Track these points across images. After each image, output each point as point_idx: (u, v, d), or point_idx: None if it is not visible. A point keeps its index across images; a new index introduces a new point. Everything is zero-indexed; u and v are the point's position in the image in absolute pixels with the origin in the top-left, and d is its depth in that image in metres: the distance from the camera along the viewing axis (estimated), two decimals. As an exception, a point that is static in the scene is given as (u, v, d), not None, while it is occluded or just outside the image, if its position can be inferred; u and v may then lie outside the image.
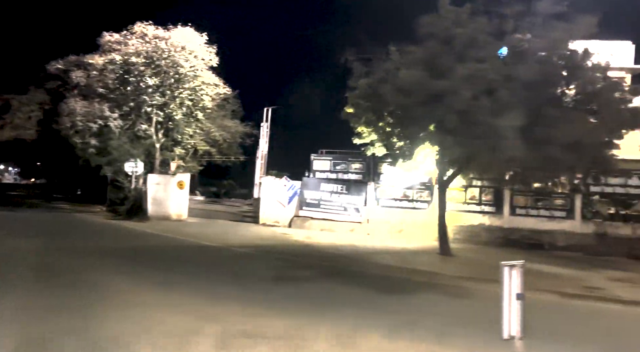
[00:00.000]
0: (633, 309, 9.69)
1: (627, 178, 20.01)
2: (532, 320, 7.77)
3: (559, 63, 12.37)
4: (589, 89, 14.54)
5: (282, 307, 7.67)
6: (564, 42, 12.18)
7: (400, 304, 8.92)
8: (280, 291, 9.13)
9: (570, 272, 13.75)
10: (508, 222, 20.14)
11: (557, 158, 11.99)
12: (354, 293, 9.44)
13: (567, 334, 7.24)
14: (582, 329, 7.72)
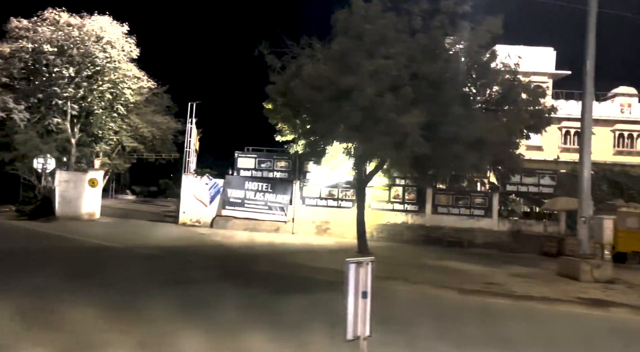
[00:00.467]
0: (521, 303, 9.91)
1: (540, 178, 20.93)
2: (408, 317, 7.72)
3: (466, 63, 12.50)
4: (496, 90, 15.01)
5: (155, 313, 7.07)
6: (471, 42, 12.34)
7: (291, 304, 8.56)
8: (166, 295, 8.49)
9: (479, 269, 14.04)
10: (430, 221, 20.49)
11: (461, 156, 12.14)
12: (246, 295, 8.98)
13: (433, 328, 7.17)
14: (449, 324, 7.66)
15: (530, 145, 34.11)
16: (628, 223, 17.78)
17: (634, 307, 10.08)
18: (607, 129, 34.11)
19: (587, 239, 13.29)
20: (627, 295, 11.21)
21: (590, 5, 13.35)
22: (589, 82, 13.61)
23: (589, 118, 13.56)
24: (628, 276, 14.34)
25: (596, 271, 12.77)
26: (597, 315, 9.39)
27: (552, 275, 13.61)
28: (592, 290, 11.61)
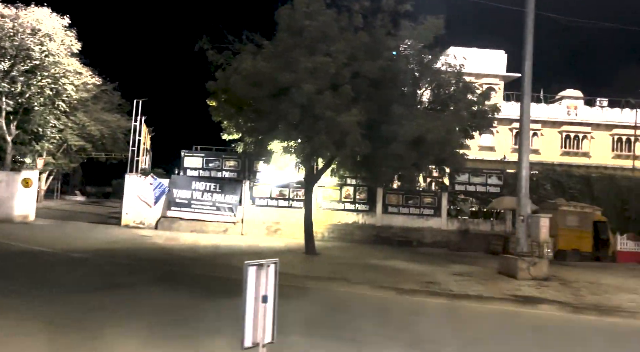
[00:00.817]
0: (454, 301, 9.92)
1: (488, 177, 21.34)
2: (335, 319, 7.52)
3: (408, 62, 12.48)
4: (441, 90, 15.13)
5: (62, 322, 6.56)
6: (413, 41, 12.32)
7: (211, 308, 8.18)
8: (86, 301, 7.95)
9: (422, 268, 14.07)
10: (380, 220, 20.51)
11: (402, 155, 12.10)
12: (173, 300, 8.55)
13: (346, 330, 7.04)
14: (367, 324, 7.52)
15: (483, 146, 35.09)
16: (568, 221, 18.36)
17: (562, 303, 10.29)
18: (555, 131, 35.44)
19: (525, 237, 13.55)
20: (559, 292, 11.47)
21: (528, 7, 13.62)
22: (527, 83, 13.89)
23: (527, 118, 13.84)
24: (565, 273, 14.77)
25: (533, 268, 13.02)
26: (525, 312, 9.51)
27: (492, 273, 13.80)
28: (527, 287, 11.83)
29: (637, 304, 10.53)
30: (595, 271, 15.67)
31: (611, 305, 10.31)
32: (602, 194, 20.80)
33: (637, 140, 35.60)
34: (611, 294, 11.57)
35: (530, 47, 13.81)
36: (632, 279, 14.11)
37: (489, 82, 35.10)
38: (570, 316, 9.43)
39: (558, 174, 21.18)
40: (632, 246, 19.12)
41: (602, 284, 12.88)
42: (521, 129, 13.84)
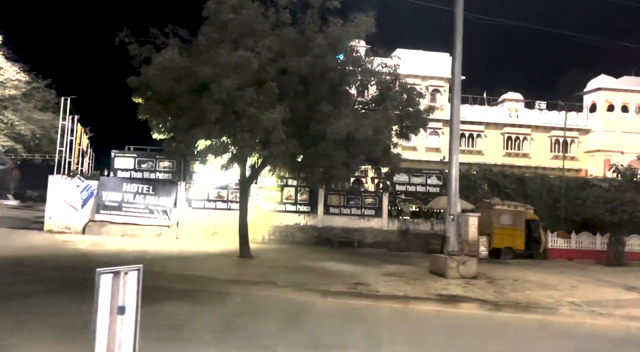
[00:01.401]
0: (378, 302, 9.75)
1: (428, 177, 21.57)
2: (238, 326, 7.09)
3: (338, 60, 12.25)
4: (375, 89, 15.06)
5: None
6: (342, 39, 12.11)
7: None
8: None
9: (356, 269, 13.90)
10: (322, 222, 20.29)
11: (331, 154, 11.87)
12: (67, 309, 7.85)
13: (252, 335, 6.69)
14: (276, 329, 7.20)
15: (429, 147, 35.73)
16: (502, 220, 18.80)
17: (484, 301, 10.36)
18: (498, 132, 36.59)
19: (455, 236, 13.67)
20: (483, 290, 11.58)
21: (457, 10, 13.77)
22: (456, 84, 14.05)
23: (456, 119, 13.98)
24: (494, 270, 15.03)
25: (462, 267, 13.13)
26: (446, 311, 9.46)
27: (424, 273, 13.82)
28: (454, 286, 11.88)
29: (554, 300, 10.76)
30: (524, 268, 16.07)
31: (530, 301, 10.48)
32: (535, 193, 21.52)
33: (573, 141, 37.38)
34: (533, 290, 11.81)
35: (460, 49, 13.98)
36: (557, 276, 14.53)
37: (434, 84, 35.87)
38: (488, 313, 9.46)
39: (494, 174, 21.72)
40: (562, 243, 19.84)
41: (527, 281, 13.16)
42: (451, 129, 13.97)
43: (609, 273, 15.87)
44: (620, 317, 9.49)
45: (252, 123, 10.59)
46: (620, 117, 37.11)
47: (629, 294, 11.91)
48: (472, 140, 36.35)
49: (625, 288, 12.73)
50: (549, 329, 8.33)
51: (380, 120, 11.92)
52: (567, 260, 19.32)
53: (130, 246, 16.09)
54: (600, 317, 9.41)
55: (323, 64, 11.92)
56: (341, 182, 14.70)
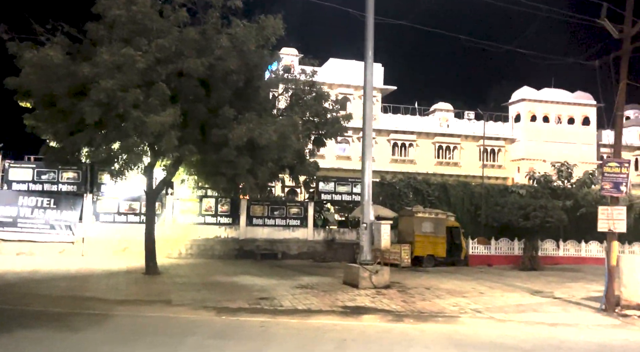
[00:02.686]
0: (274, 318, 9.13)
1: (353, 186, 21.35)
2: None
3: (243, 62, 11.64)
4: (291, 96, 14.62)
5: None
6: (247, 41, 11.53)
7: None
8: None
9: (267, 283, 13.21)
10: (244, 233, 19.47)
11: (233, 161, 11.21)
12: None
13: None
14: None
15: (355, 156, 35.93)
16: (424, 228, 18.85)
17: (387, 312, 10.02)
18: (429, 142, 37.45)
19: (368, 245, 13.36)
20: (392, 299, 11.27)
21: (368, 13, 13.63)
22: (368, 90, 13.87)
23: (369, 125, 13.76)
24: (411, 279, 14.88)
25: (375, 277, 12.81)
26: (344, 325, 8.97)
27: (338, 284, 13.38)
28: (363, 297, 11.50)
29: (459, 308, 10.62)
30: (441, 276, 16.07)
31: (434, 311, 10.26)
32: (458, 200, 21.89)
33: (500, 150, 38.98)
34: (441, 298, 11.65)
35: (371, 55, 13.84)
36: (470, 282, 14.58)
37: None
38: (388, 325, 9.08)
39: (418, 182, 21.89)
40: (482, 250, 20.22)
41: (439, 289, 13.04)
42: (364, 137, 13.73)
43: (521, 278, 16.20)
44: (517, 323, 9.43)
45: (138, 127, 9.73)
46: (542, 127, 39.16)
47: (532, 299, 12.05)
48: (405, 150, 36.95)
49: (531, 293, 12.91)
50: (442, 339, 8.04)
51: (286, 126, 11.43)
52: (487, 266, 19.68)
53: (21, 266, 14.52)
54: (497, 324, 9.30)
55: (224, 66, 11.28)
56: (253, 191, 14.02)
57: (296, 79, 14.90)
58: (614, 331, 9.08)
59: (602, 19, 10.87)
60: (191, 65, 10.79)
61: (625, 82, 10.85)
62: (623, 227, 10.44)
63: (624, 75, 10.86)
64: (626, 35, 10.77)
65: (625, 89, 10.84)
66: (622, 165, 10.64)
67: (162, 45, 10.50)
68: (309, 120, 15.02)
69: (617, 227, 10.50)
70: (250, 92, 12.35)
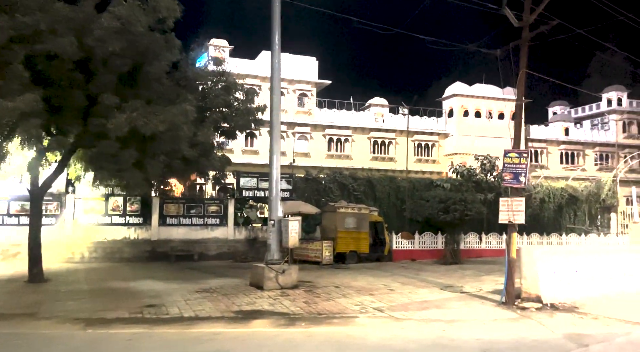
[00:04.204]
0: (149, 329, 8.16)
1: (277, 182, 20.50)
2: None
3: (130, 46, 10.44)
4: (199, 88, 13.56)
5: None
6: (133, 22, 10.34)
7: None
8: None
9: (166, 288, 12.12)
10: (157, 234, 18.17)
11: (115, 154, 10.04)
12: None
13: None
14: None
15: (298, 152, 35.21)
16: (346, 223, 18.37)
17: (283, 315, 9.31)
18: (365, 137, 37.33)
19: (276, 243, 12.61)
20: (294, 301, 10.56)
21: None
22: (276, 79, 13.05)
23: (277, 117, 12.96)
24: (326, 277, 14.30)
25: (282, 277, 12.08)
26: (225, 333, 8.14)
27: (244, 286, 12.52)
28: (264, 300, 10.72)
29: (360, 307, 10.09)
30: (359, 273, 15.64)
31: (333, 311, 9.66)
32: (384, 195, 21.65)
33: (434, 145, 39.58)
34: (347, 298, 11.09)
35: (277, 41, 13.03)
36: (385, 279, 14.21)
37: (302, 88, 35.51)
38: (276, 330, 8.35)
39: (344, 177, 21.44)
40: (406, 244, 20.07)
41: (350, 287, 12.51)
42: (271, 128, 12.93)
43: (438, 272, 16.08)
44: (415, 322, 9.01)
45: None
46: (474, 122, 40.16)
47: (440, 294, 11.77)
48: (341, 145, 36.62)
49: (441, 287, 12.67)
50: (327, 344, 7.43)
51: (177, 115, 10.37)
52: (411, 261, 19.53)
53: None
54: (393, 324, 8.83)
55: (104, 49, 10.07)
56: (142, 188, 12.82)
57: (203, 68, 13.84)
58: (510, 325, 8.86)
59: (504, 7, 10.70)
60: (60, 46, 9.52)
61: (525, 71, 10.73)
62: (522, 219, 10.31)
63: (524, 64, 10.74)
64: (525, 24, 10.65)
65: (525, 78, 10.72)
66: (522, 156, 10.51)
67: (21, 21, 9.16)
68: (218, 111, 14.02)
69: (516, 219, 10.36)
70: (141, 78, 11.16)
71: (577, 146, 43.34)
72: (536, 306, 10.00)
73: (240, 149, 32.31)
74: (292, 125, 34.95)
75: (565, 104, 50.48)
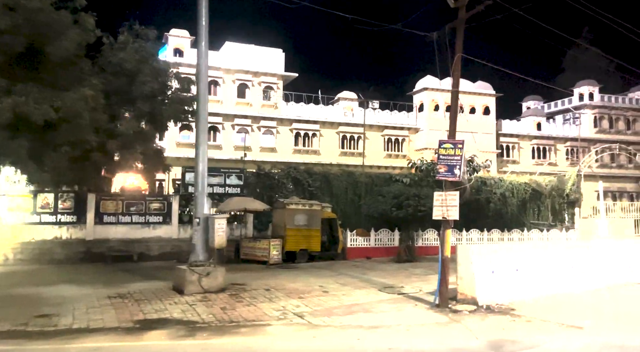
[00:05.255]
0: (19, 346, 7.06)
1: (227, 177, 19.53)
2: None
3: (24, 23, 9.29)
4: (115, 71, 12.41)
5: None
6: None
7: None
8: None
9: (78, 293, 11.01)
10: (93, 234, 16.98)
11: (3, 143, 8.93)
12: None
13: None
14: None
15: (264, 147, 34.16)
16: (296, 221, 17.43)
17: (189, 324, 8.35)
18: (334, 131, 36.42)
19: (202, 243, 11.63)
20: (211, 307, 9.59)
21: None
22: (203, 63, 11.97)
23: (204, 106, 11.91)
24: (262, 279, 13.30)
25: (206, 280, 11.09)
26: (111, 347, 7.16)
27: (166, 290, 11.48)
28: (178, 305, 9.72)
29: (282, 312, 9.18)
30: (304, 273, 14.73)
31: (249, 318, 8.73)
32: (341, 190, 20.79)
33: (404, 140, 38.87)
34: (273, 302, 10.16)
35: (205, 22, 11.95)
36: (328, 279, 13.31)
37: (267, 81, 34.40)
38: (170, 343, 7.39)
39: (298, 172, 20.50)
40: (361, 242, 19.24)
41: (283, 289, 11.58)
42: (197, 119, 11.89)
43: (388, 271, 15.26)
44: (333, 328, 8.14)
45: None
46: (445, 116, 39.51)
47: (376, 296, 10.92)
48: (309, 140, 35.66)
49: (381, 288, 11.82)
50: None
51: (77, 101, 9.28)
52: (366, 259, 18.69)
53: None
54: (306, 332, 7.93)
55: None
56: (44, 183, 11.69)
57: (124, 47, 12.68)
58: (434, 331, 8.04)
59: (439, -14, 9.86)
60: None
61: (461, 55, 9.90)
62: (456, 215, 9.51)
63: (460, 47, 9.92)
64: (461, 4, 9.82)
65: (461, 62, 9.90)
66: (456, 147, 9.70)
67: None
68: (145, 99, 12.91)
69: (450, 215, 9.55)
70: (41, 60, 10.01)
71: (548, 141, 43.13)
72: (470, 309, 9.21)
73: (174, 141, 31.16)
74: (257, 120, 33.86)
75: (539, 98, 50.32)
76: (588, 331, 7.86)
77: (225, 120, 32.88)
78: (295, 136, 35.16)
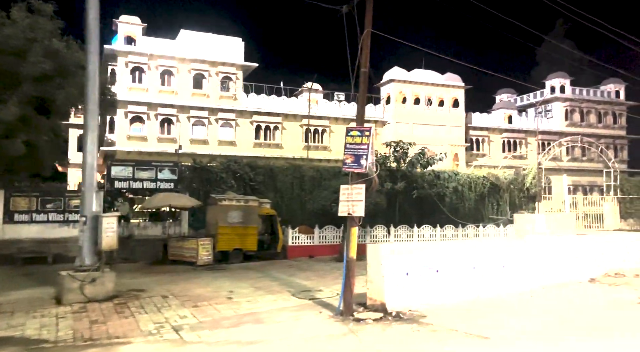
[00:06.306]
0: None
1: (159, 171, 18.07)
2: None
3: None
4: None
5: None
6: None
7: None
8: None
9: None
10: (1, 233, 15.40)
11: None
12: None
13: None
14: None
15: (222, 140, 32.64)
16: (230, 218, 16.08)
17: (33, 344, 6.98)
18: (297, 124, 35.05)
19: (89, 244, 10.22)
20: (79, 322, 8.25)
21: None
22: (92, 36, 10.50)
23: (92, 89, 10.44)
24: (171, 284, 11.91)
25: (90, 287, 9.71)
26: None
27: (47, 299, 10.04)
28: (42, 319, 8.35)
29: (159, 326, 7.85)
30: (225, 275, 13.41)
31: (114, 334, 7.41)
32: (286, 185, 19.49)
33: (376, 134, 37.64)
34: (160, 312, 8.83)
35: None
36: (245, 283, 12.02)
37: (226, 71, 32.81)
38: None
39: (240, 166, 19.12)
40: (304, 240, 17.97)
41: (183, 296, 10.26)
42: (85, 102, 10.42)
43: (318, 272, 14.02)
44: (204, 346, 6.86)
45: None
46: (413, 109, 38.47)
47: (284, 302, 9.64)
48: (270, 133, 34.23)
49: (295, 292, 10.54)
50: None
51: None
52: (309, 258, 17.45)
53: None
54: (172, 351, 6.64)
55: None
56: None
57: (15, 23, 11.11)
58: (324, 345, 6.82)
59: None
60: None
61: (370, 31, 8.65)
62: (361, 211, 8.28)
63: (369, 22, 8.66)
64: (369, -30, 8.54)
65: (369, 39, 8.64)
66: (363, 134, 8.47)
67: None
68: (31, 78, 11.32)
69: (355, 210, 8.32)
70: None
71: (519, 134, 42.39)
72: (375, 317, 8.01)
73: (125, 135, 29.51)
74: (215, 111, 32.30)
75: (512, 91, 49.62)
76: (494, 341, 6.71)
77: (180, 112, 31.28)
78: (256, 129, 33.69)
